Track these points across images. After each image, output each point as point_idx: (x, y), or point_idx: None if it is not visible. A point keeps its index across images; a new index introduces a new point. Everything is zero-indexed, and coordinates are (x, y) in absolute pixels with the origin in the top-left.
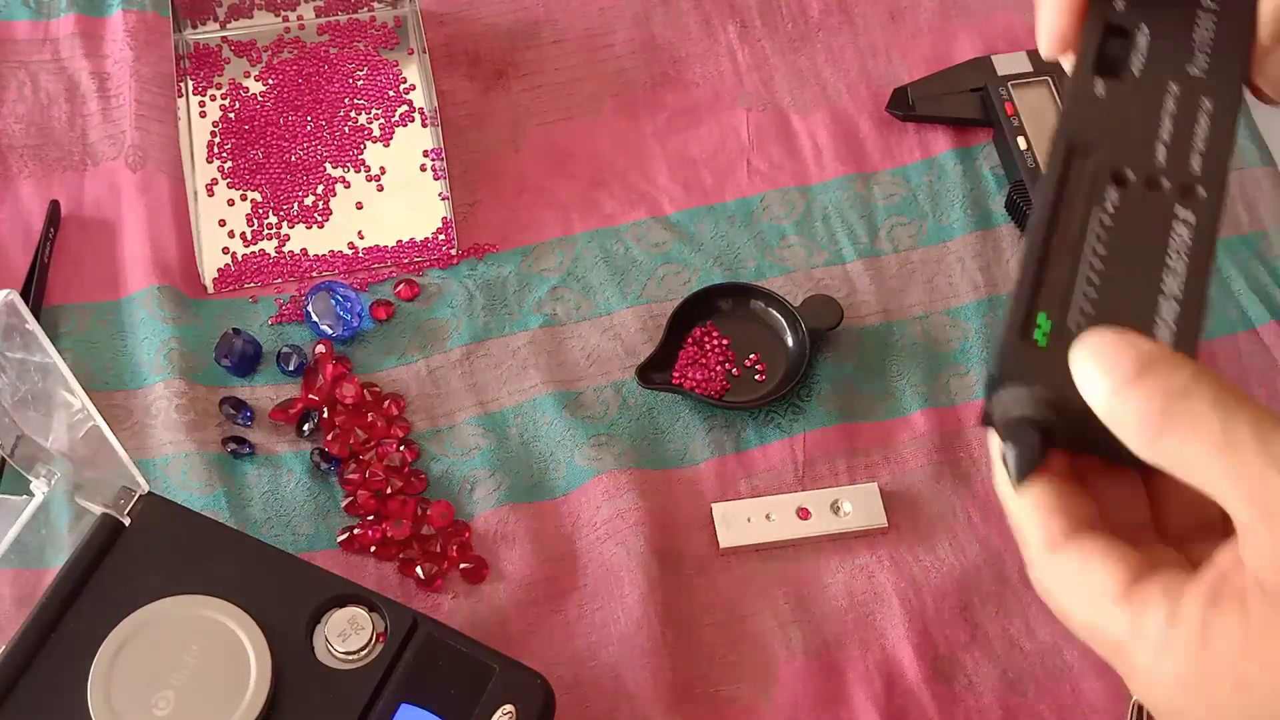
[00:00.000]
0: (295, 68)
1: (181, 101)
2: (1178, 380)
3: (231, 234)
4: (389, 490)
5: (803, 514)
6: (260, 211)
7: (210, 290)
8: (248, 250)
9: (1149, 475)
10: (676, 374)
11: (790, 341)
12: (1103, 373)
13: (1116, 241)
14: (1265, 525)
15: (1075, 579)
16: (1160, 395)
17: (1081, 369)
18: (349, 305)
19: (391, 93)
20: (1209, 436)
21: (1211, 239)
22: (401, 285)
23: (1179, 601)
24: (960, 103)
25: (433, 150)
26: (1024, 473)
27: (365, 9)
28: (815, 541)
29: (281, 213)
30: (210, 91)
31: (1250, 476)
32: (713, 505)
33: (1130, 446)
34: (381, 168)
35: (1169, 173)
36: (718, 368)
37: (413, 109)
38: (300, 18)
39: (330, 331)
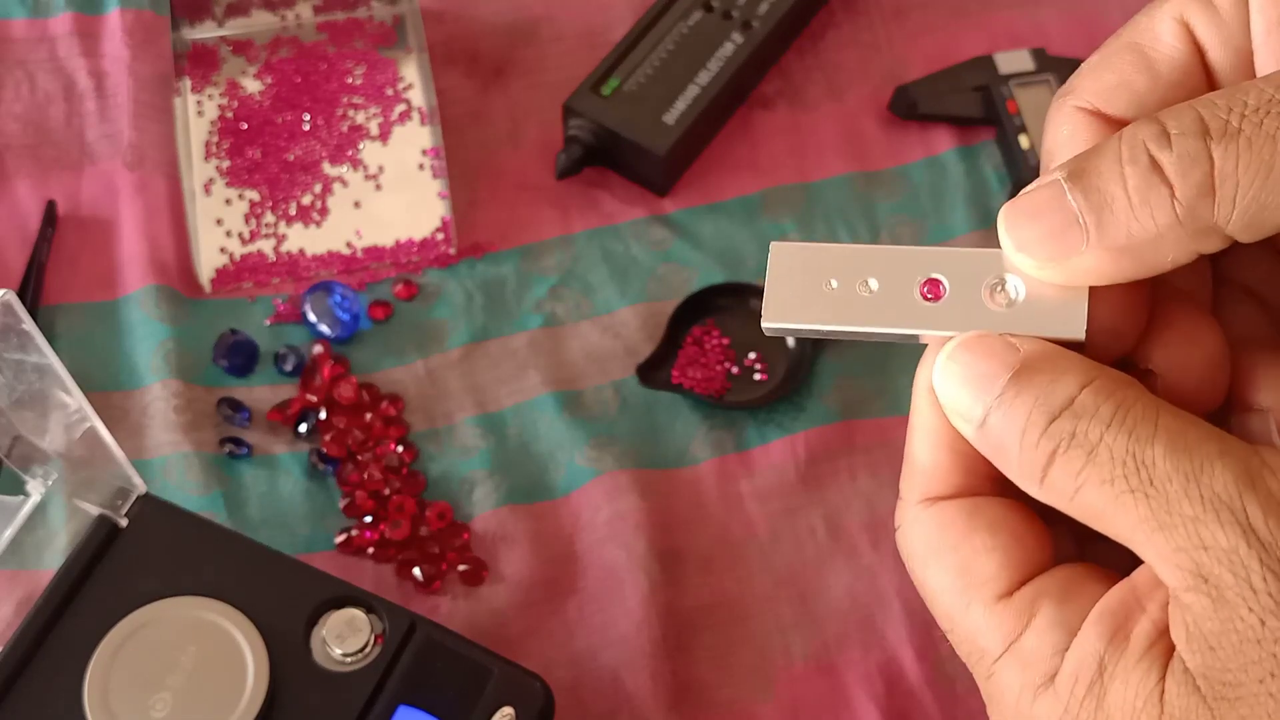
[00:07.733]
0: (293, 66)
1: (179, 100)
2: (1060, 392)
3: (229, 233)
4: (387, 491)
5: (930, 291)
6: (258, 211)
7: (207, 290)
8: (245, 250)
9: None
10: (676, 373)
11: (791, 341)
12: (963, 389)
13: (682, 45)
14: (1195, 595)
15: (949, 550)
16: (1039, 416)
17: (942, 383)
18: (347, 305)
19: (390, 91)
20: (1109, 474)
21: (747, 54)
22: (400, 285)
23: (1074, 622)
24: (963, 101)
25: (431, 149)
26: (563, 170)
27: (363, 7)
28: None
29: (279, 212)
30: (208, 90)
31: (1174, 527)
32: (773, 244)
33: (1016, 483)
34: (380, 166)
35: (741, 9)
36: (718, 367)
37: (411, 107)
38: (298, 15)
39: (328, 332)
